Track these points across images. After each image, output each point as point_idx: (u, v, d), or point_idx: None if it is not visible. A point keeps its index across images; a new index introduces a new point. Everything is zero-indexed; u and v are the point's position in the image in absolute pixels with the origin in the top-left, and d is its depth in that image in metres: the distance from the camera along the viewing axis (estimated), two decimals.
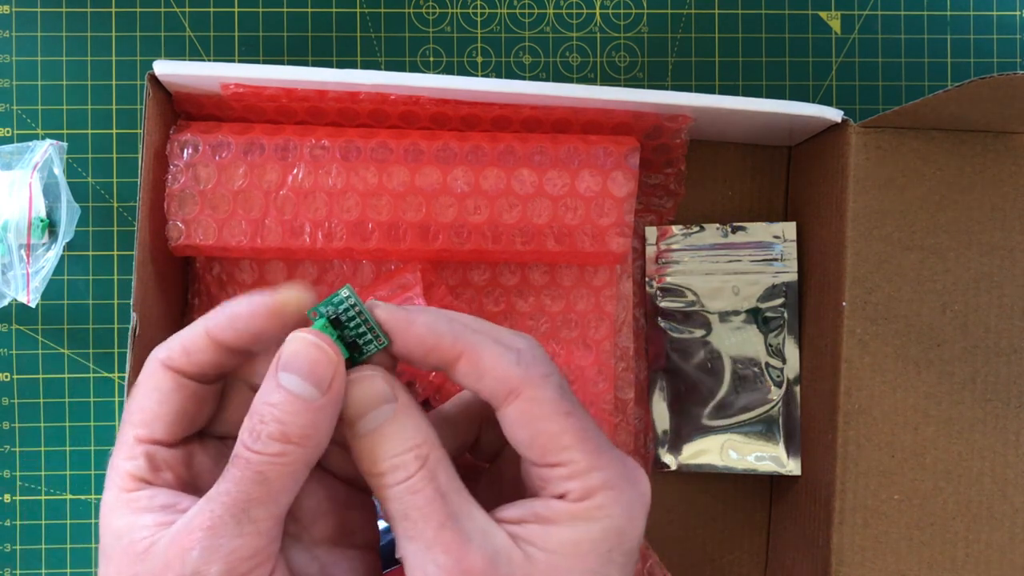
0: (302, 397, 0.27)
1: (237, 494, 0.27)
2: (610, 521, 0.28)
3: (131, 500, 0.29)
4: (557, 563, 0.28)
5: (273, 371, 0.28)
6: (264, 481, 0.27)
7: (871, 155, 0.40)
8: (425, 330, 0.29)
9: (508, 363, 0.28)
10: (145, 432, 0.29)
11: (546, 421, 0.28)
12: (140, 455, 0.29)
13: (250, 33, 0.47)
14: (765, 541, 0.47)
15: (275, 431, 0.27)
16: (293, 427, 0.27)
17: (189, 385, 0.30)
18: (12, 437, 0.47)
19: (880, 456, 0.40)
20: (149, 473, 0.29)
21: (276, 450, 0.27)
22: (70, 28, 0.47)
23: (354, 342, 0.29)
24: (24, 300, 0.43)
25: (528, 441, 0.29)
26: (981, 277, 0.40)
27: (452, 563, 0.27)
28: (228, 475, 0.27)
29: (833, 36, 0.48)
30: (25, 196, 0.43)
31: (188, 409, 0.30)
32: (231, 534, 0.27)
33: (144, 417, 0.29)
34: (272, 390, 0.28)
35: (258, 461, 0.27)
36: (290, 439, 0.27)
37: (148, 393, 0.30)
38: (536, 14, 0.48)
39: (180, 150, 0.41)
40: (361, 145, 0.41)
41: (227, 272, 0.44)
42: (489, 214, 0.41)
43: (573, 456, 0.28)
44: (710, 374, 0.45)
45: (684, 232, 0.45)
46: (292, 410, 0.27)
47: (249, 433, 0.27)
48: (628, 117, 0.41)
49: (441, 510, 0.27)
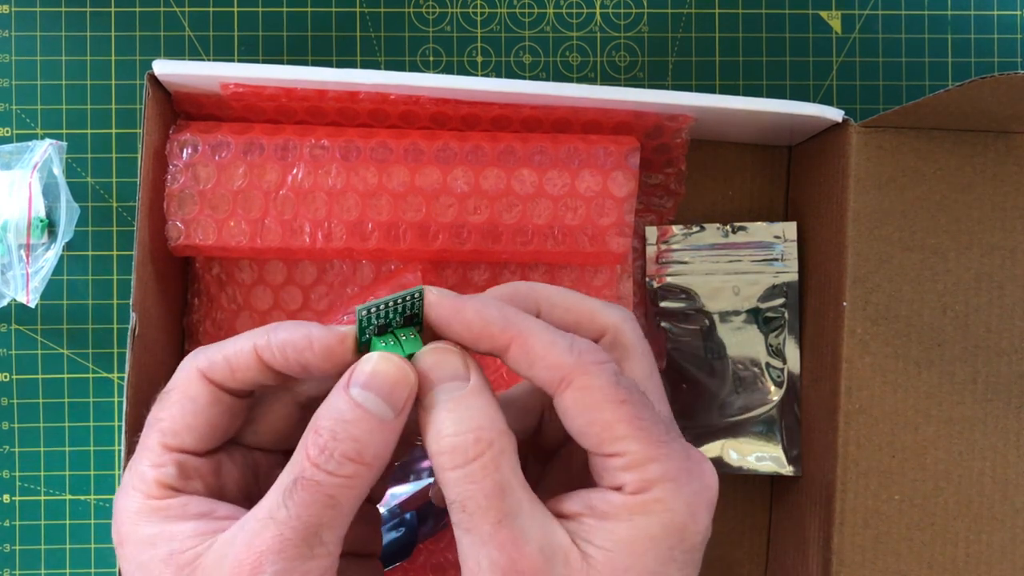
0: (378, 416, 0.27)
1: (308, 518, 0.26)
2: (670, 516, 0.27)
3: (162, 508, 0.28)
4: (615, 562, 0.27)
5: (344, 387, 0.27)
6: (335, 505, 0.26)
7: (872, 155, 0.40)
8: (474, 316, 0.28)
9: (560, 350, 0.28)
10: (175, 441, 0.29)
11: (599, 410, 0.27)
12: (170, 463, 0.29)
13: (250, 33, 0.47)
14: (765, 541, 0.47)
15: (350, 451, 0.26)
16: (368, 447, 0.27)
17: (225, 399, 0.29)
18: (11, 437, 0.47)
19: (881, 456, 0.40)
20: (179, 481, 0.28)
21: (349, 472, 0.26)
22: (69, 28, 0.47)
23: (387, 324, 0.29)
24: (23, 300, 0.43)
25: (582, 430, 0.28)
26: (982, 277, 0.40)
27: (507, 562, 0.26)
28: (295, 497, 0.26)
29: (834, 36, 0.48)
30: (25, 196, 0.43)
31: (221, 422, 0.29)
32: (303, 557, 0.26)
33: (175, 426, 0.29)
34: (346, 408, 0.27)
35: (330, 484, 0.26)
36: (364, 459, 0.26)
37: (182, 402, 0.29)
38: (536, 14, 0.48)
39: (179, 150, 0.41)
40: (361, 145, 0.41)
41: (227, 272, 0.44)
42: (489, 214, 0.41)
43: (629, 446, 0.27)
44: (710, 374, 0.45)
45: (684, 232, 0.45)
46: (368, 428, 0.27)
47: (320, 451, 0.26)
48: (628, 117, 0.41)
49: (499, 506, 0.26)
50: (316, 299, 0.44)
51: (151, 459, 0.29)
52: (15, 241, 0.43)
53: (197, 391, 0.29)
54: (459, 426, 0.27)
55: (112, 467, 0.47)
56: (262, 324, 0.43)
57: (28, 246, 0.43)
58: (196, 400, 0.29)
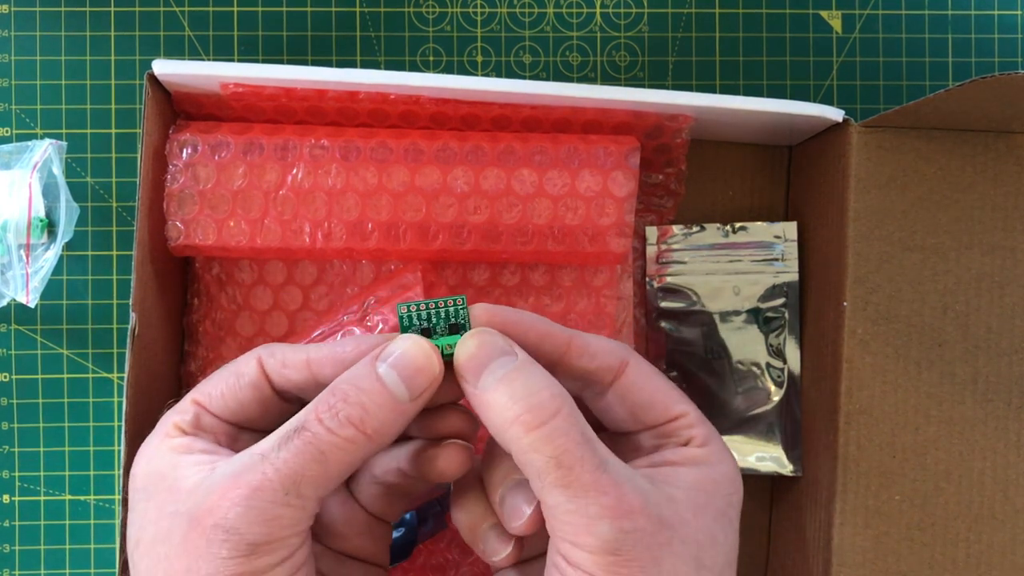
0: (393, 394, 0.28)
1: (294, 465, 0.27)
2: (726, 467, 0.31)
3: (174, 445, 0.30)
4: (694, 499, 0.29)
5: (371, 360, 0.29)
6: (323, 461, 0.27)
7: (872, 155, 0.40)
8: (536, 320, 0.31)
9: (610, 343, 0.31)
10: (204, 399, 0.31)
11: (659, 380, 0.32)
12: (191, 412, 0.31)
13: (249, 33, 0.47)
14: (765, 541, 0.47)
15: (355, 415, 0.28)
16: (373, 419, 0.28)
17: (266, 389, 0.31)
18: (11, 437, 0.47)
19: (881, 456, 0.40)
20: (192, 428, 0.30)
21: (348, 435, 0.28)
22: (69, 27, 0.47)
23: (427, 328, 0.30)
24: (23, 300, 0.43)
25: (647, 401, 0.31)
26: (982, 277, 0.40)
27: (615, 504, 0.27)
28: (290, 444, 0.28)
29: (834, 35, 0.48)
30: (24, 196, 0.43)
31: (251, 407, 0.31)
32: (278, 502, 0.27)
33: (211, 390, 0.31)
34: (365, 376, 0.28)
35: (326, 440, 0.27)
36: (364, 429, 0.28)
37: (231, 373, 0.31)
38: (536, 14, 0.48)
39: (179, 150, 0.41)
40: (361, 145, 0.41)
41: (226, 272, 0.44)
42: (489, 214, 0.41)
43: (687, 408, 0.32)
44: (711, 374, 0.45)
45: (684, 232, 0.45)
46: (379, 402, 0.28)
47: (327, 408, 0.28)
48: (628, 117, 0.41)
49: (593, 454, 0.28)
50: (316, 299, 0.44)
51: (179, 408, 0.31)
52: (15, 241, 0.43)
53: (247, 370, 0.31)
54: (529, 390, 0.28)
55: (112, 467, 0.47)
56: (262, 324, 0.43)
57: (28, 246, 0.43)
58: (241, 377, 0.31)
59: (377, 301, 0.41)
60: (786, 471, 0.44)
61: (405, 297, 0.40)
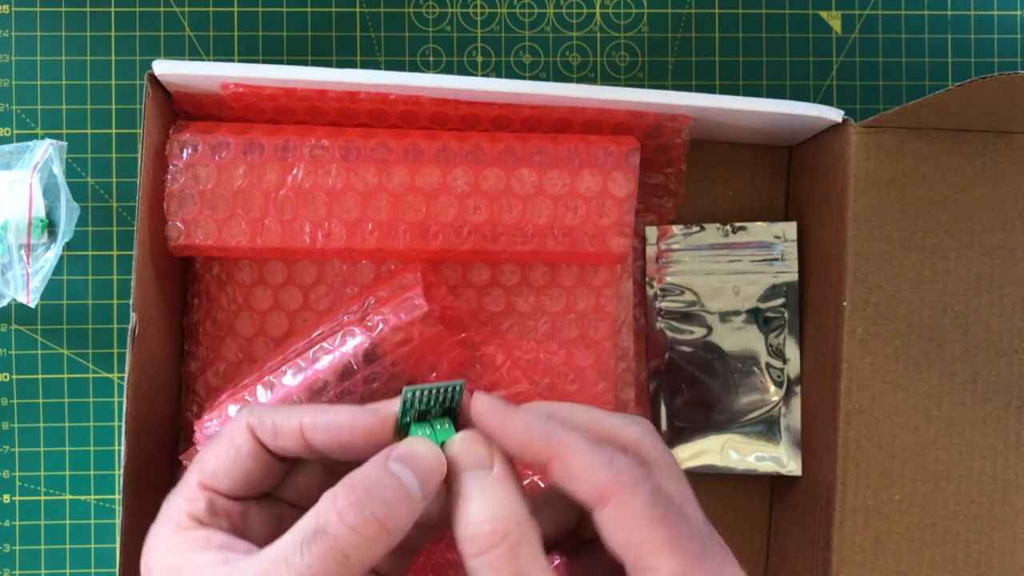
0: (409, 491, 0.28)
1: (319, 571, 0.27)
2: None
3: (189, 538, 0.30)
4: None
5: (383, 459, 0.29)
6: (347, 564, 0.27)
7: (872, 155, 0.40)
8: (520, 431, 0.30)
9: (599, 468, 0.29)
10: (211, 481, 0.31)
11: (637, 527, 0.28)
12: (202, 499, 0.31)
13: (250, 33, 0.47)
14: (765, 541, 0.47)
15: (380, 512, 0.28)
16: (395, 515, 0.28)
17: (265, 456, 0.31)
18: (11, 437, 0.47)
19: (881, 456, 0.40)
20: (207, 516, 0.30)
21: (371, 533, 0.28)
22: (69, 28, 0.47)
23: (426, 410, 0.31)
24: (24, 300, 0.43)
25: (620, 546, 0.29)
26: (982, 277, 0.40)
27: None
28: (312, 548, 0.27)
29: (834, 36, 0.48)
30: (25, 196, 0.43)
31: (257, 476, 0.31)
32: None
33: (214, 468, 0.31)
34: (383, 475, 0.29)
35: (349, 541, 0.27)
36: (387, 525, 0.28)
37: (226, 449, 0.31)
38: (536, 14, 0.48)
39: (180, 150, 0.41)
40: (361, 145, 0.41)
41: (227, 272, 0.44)
42: (489, 214, 0.41)
43: (664, 562, 0.28)
44: (710, 374, 0.45)
45: (684, 232, 0.45)
46: (398, 498, 0.28)
47: (350, 506, 0.28)
48: (628, 117, 0.41)
49: None
50: (316, 299, 0.44)
51: (187, 494, 0.31)
52: (15, 241, 0.43)
53: (242, 441, 0.31)
54: (479, 515, 0.28)
55: (112, 467, 0.47)
56: (262, 324, 0.43)
57: (28, 246, 0.43)
58: (240, 449, 0.31)
59: (377, 301, 0.41)
60: (786, 471, 0.44)
61: (405, 298, 0.40)
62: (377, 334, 0.39)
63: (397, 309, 0.39)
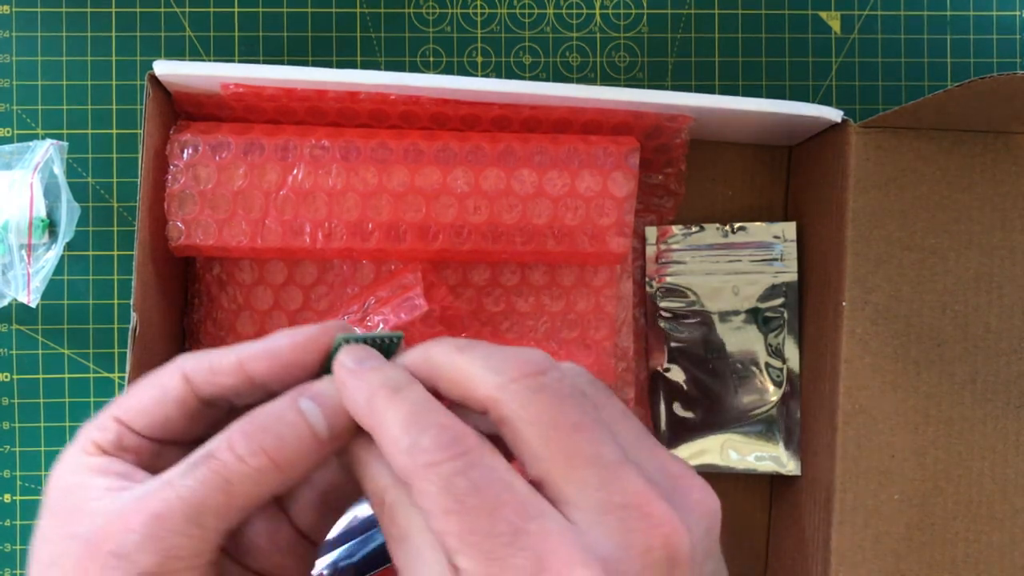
0: (313, 428, 0.27)
1: (198, 494, 0.26)
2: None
3: (90, 463, 0.28)
4: None
5: (296, 394, 0.28)
6: (228, 492, 0.26)
7: (871, 155, 0.40)
8: (348, 396, 0.28)
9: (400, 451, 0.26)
10: (126, 416, 0.29)
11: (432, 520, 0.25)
12: (112, 430, 0.29)
13: (250, 33, 0.47)
14: (765, 541, 0.47)
15: (270, 445, 0.27)
16: (288, 450, 0.27)
17: (191, 404, 0.29)
18: (12, 437, 0.47)
19: (880, 456, 0.40)
20: (113, 448, 0.29)
21: (258, 464, 0.27)
22: (70, 28, 0.47)
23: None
24: (24, 300, 0.43)
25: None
26: (981, 277, 0.40)
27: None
28: (196, 471, 0.27)
29: (833, 36, 0.48)
30: (26, 196, 0.43)
31: (178, 423, 0.30)
32: (177, 531, 0.26)
33: (134, 405, 0.29)
34: (287, 408, 0.27)
35: (235, 469, 0.26)
36: (277, 459, 0.27)
37: (151, 389, 0.29)
38: (536, 14, 0.48)
39: (180, 150, 0.41)
40: (361, 145, 0.41)
41: (227, 272, 0.44)
42: (489, 214, 0.41)
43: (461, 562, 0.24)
44: (710, 374, 0.45)
45: (684, 232, 0.45)
46: (297, 434, 0.27)
47: (241, 435, 0.27)
48: (628, 117, 0.41)
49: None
50: (316, 299, 0.44)
51: (98, 423, 0.29)
52: (16, 241, 0.43)
53: (172, 386, 0.29)
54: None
55: None
56: (262, 324, 0.43)
57: (29, 246, 0.43)
58: (167, 393, 0.29)
59: (377, 301, 0.41)
60: (785, 470, 0.44)
61: (405, 298, 0.40)
62: None
63: (397, 309, 0.39)
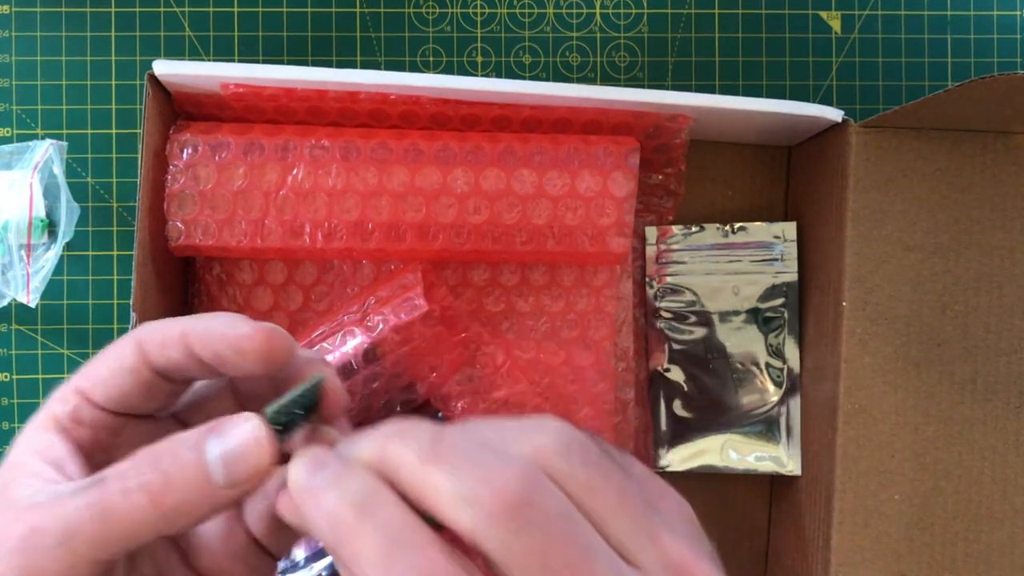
0: (211, 479, 0.25)
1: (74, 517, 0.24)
2: None
3: (36, 442, 0.27)
4: None
5: (206, 432, 0.26)
6: (105, 523, 0.24)
7: (871, 155, 0.40)
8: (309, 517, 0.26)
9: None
10: (87, 387, 0.28)
11: None
12: (71, 402, 0.28)
13: (250, 33, 0.47)
14: (765, 541, 0.47)
15: (155, 485, 0.25)
16: (172, 495, 0.25)
17: (146, 374, 0.28)
18: (12, 437, 0.47)
19: (880, 456, 0.40)
20: (69, 421, 0.28)
21: (137, 503, 0.24)
22: (69, 28, 0.47)
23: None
24: (24, 300, 0.43)
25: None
26: (981, 277, 0.40)
27: None
28: (85, 492, 0.25)
29: (833, 36, 0.48)
30: (25, 196, 0.43)
31: (135, 393, 0.28)
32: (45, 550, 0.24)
33: (92, 372, 0.28)
34: (187, 445, 0.25)
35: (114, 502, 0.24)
36: (159, 503, 0.24)
37: (111, 358, 0.28)
38: (536, 14, 0.48)
39: (180, 150, 0.41)
40: (361, 145, 0.41)
41: (227, 272, 0.44)
42: (489, 214, 0.41)
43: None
44: (710, 374, 0.45)
45: (684, 232, 0.45)
46: (185, 477, 0.25)
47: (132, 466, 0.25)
48: (628, 117, 0.41)
49: None
50: (316, 299, 0.44)
51: (59, 394, 0.28)
52: (16, 241, 0.43)
53: (127, 355, 0.28)
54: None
55: None
56: None
57: (29, 246, 0.43)
58: (123, 362, 0.28)
59: (377, 301, 0.41)
60: (785, 471, 0.44)
61: (405, 298, 0.40)
62: (377, 334, 0.39)
63: (397, 309, 0.39)
